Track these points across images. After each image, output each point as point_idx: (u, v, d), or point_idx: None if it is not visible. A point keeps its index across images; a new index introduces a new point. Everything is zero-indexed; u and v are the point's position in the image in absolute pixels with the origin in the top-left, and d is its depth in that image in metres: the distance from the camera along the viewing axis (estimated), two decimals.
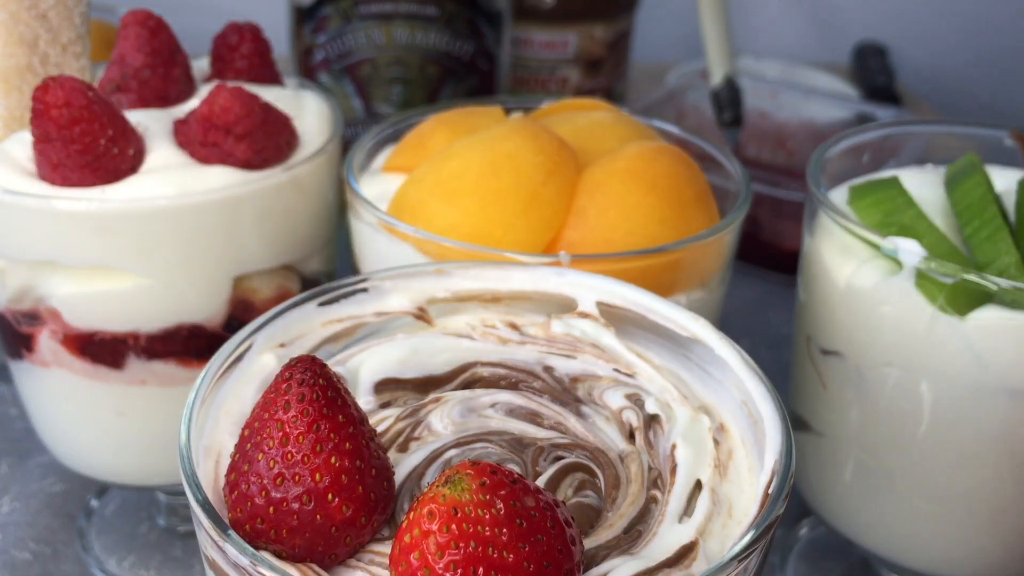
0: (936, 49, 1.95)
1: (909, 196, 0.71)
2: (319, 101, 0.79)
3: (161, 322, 0.70)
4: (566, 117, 0.81)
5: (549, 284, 0.61)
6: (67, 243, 0.66)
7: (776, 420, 0.50)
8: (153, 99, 0.74)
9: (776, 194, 1.21)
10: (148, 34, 0.73)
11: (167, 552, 0.86)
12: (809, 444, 0.77)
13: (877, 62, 1.81)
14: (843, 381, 0.71)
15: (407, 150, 0.79)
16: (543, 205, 0.69)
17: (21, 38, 0.71)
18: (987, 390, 0.64)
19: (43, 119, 0.64)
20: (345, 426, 0.43)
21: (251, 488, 0.43)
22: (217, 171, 0.68)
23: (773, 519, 0.44)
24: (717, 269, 0.73)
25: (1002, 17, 1.92)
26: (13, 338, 0.73)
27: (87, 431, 0.76)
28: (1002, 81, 1.96)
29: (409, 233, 0.67)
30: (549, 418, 0.55)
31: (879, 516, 0.73)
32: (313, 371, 0.44)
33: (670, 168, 0.72)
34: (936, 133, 0.89)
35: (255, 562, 0.42)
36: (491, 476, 0.39)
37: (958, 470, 0.68)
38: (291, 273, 0.75)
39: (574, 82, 1.38)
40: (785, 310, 1.20)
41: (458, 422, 0.54)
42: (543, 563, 0.39)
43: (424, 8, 1.08)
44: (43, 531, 0.86)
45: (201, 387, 0.51)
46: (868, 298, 0.67)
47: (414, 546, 0.38)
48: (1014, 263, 0.65)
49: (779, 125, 1.45)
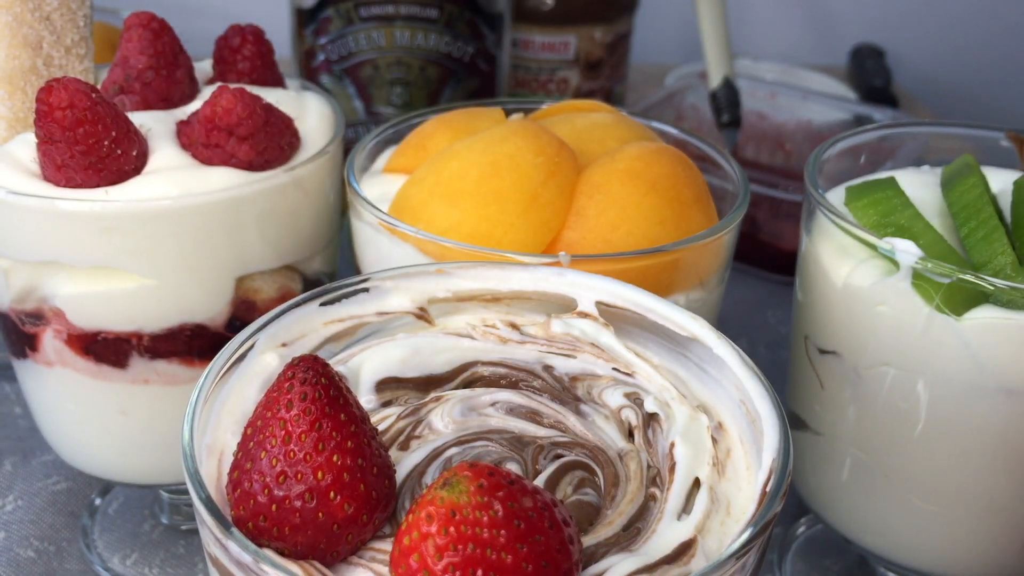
0: (933, 51, 1.95)
1: (906, 197, 0.71)
2: (321, 102, 0.80)
3: (164, 322, 0.70)
4: (566, 118, 0.81)
5: (549, 284, 0.62)
6: (71, 243, 0.66)
7: (774, 419, 0.50)
8: (156, 101, 0.74)
9: (774, 195, 1.22)
10: (151, 36, 0.74)
11: (170, 550, 0.86)
12: (807, 443, 0.77)
13: (874, 64, 1.81)
14: (840, 380, 0.72)
15: (408, 151, 0.80)
16: (543, 206, 0.69)
17: (25, 40, 0.71)
18: (983, 390, 0.64)
19: (47, 120, 0.64)
20: (347, 425, 0.44)
21: (254, 486, 0.43)
22: (220, 172, 0.68)
23: (771, 517, 0.44)
24: (715, 269, 0.73)
25: (998, 19, 1.92)
26: (17, 337, 0.73)
27: (91, 430, 0.76)
28: (998, 83, 1.96)
29: (410, 233, 0.68)
30: (549, 416, 0.55)
31: (876, 514, 0.73)
32: (315, 370, 0.44)
33: (669, 169, 0.72)
34: (933, 134, 0.90)
35: (257, 559, 0.42)
36: (488, 478, 0.39)
37: (954, 469, 0.68)
38: (293, 273, 0.76)
39: (574, 83, 1.38)
40: (783, 310, 1.20)
41: (459, 420, 0.54)
42: (541, 563, 0.39)
43: (425, 10, 1.08)
44: (47, 529, 0.87)
45: (204, 386, 0.51)
46: (865, 298, 0.67)
47: (413, 548, 0.38)
48: (1010, 263, 0.65)
49: (777, 126, 1.46)
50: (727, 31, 1.31)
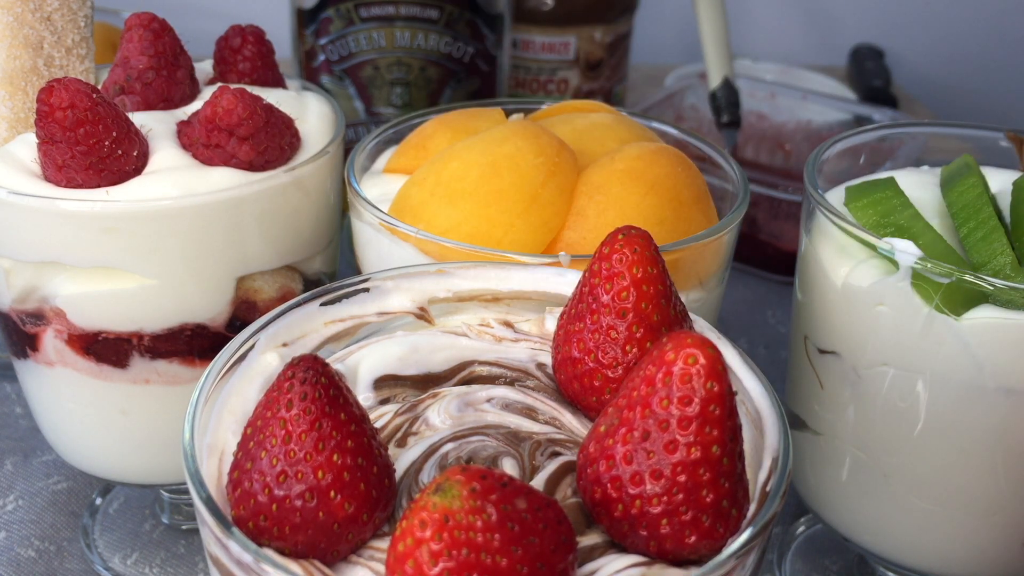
0: (932, 52, 1.95)
1: (905, 197, 0.71)
2: (321, 103, 0.80)
3: (165, 322, 0.70)
4: (566, 119, 0.81)
5: (549, 284, 0.62)
6: (72, 244, 0.66)
7: (774, 419, 0.50)
8: (157, 101, 0.74)
9: (774, 195, 1.22)
10: (152, 37, 0.74)
11: (171, 549, 0.86)
12: (806, 443, 0.77)
13: (874, 65, 1.82)
14: (840, 380, 0.72)
15: (408, 151, 0.80)
16: (543, 206, 0.70)
17: (26, 40, 0.71)
18: (983, 390, 0.64)
19: (48, 121, 0.65)
20: (347, 424, 0.44)
21: (254, 485, 0.44)
22: (220, 172, 0.68)
23: (770, 516, 0.45)
24: (715, 269, 0.73)
25: (998, 20, 1.92)
26: (18, 337, 0.73)
27: (91, 430, 0.76)
28: (997, 83, 1.96)
29: (410, 233, 0.68)
30: (544, 413, 0.55)
31: (875, 514, 0.73)
32: (315, 370, 0.44)
33: (669, 169, 0.73)
34: (932, 134, 0.90)
35: (258, 559, 0.42)
36: (481, 481, 0.39)
37: (954, 469, 0.68)
38: (294, 273, 0.76)
39: (574, 84, 1.38)
40: (783, 310, 1.21)
41: (455, 416, 0.54)
42: (536, 564, 0.39)
43: (425, 11, 1.08)
44: (47, 529, 0.87)
45: (204, 386, 0.51)
46: (865, 298, 0.67)
47: (408, 555, 0.38)
48: (1009, 263, 0.65)
49: (777, 127, 1.46)
50: (727, 31, 1.31)
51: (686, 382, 0.42)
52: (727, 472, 0.43)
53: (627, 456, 0.43)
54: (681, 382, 0.42)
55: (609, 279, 0.52)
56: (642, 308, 0.51)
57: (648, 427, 0.43)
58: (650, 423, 0.43)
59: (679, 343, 0.43)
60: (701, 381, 0.42)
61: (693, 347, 0.42)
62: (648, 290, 0.52)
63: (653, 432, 0.43)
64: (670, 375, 0.42)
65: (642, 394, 0.43)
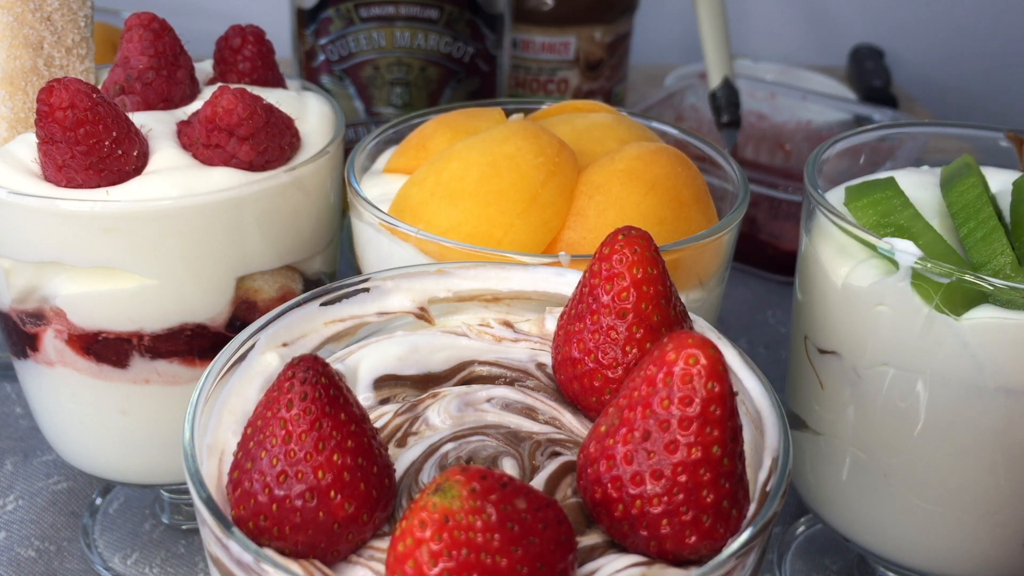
0: (932, 52, 1.95)
1: (905, 197, 0.71)
2: (321, 103, 0.80)
3: (165, 322, 0.70)
4: (566, 119, 0.81)
5: (549, 284, 0.62)
6: (72, 244, 0.66)
7: (774, 419, 0.50)
8: (157, 101, 0.74)
9: (774, 195, 1.22)
10: (152, 37, 0.74)
11: (171, 549, 0.86)
12: (806, 443, 0.77)
13: (873, 65, 1.82)
14: (840, 380, 0.72)
15: (408, 151, 0.80)
16: (543, 206, 0.70)
17: (26, 40, 0.71)
18: (983, 390, 0.64)
19: (48, 121, 0.65)
20: (347, 424, 0.44)
21: (254, 485, 0.44)
22: (220, 172, 0.68)
23: (770, 516, 0.45)
24: (715, 269, 0.73)
25: (997, 20, 1.92)
26: (18, 337, 0.73)
27: (91, 430, 0.76)
28: (997, 83, 1.96)
29: (410, 233, 0.68)
30: (544, 413, 0.55)
31: (875, 514, 0.73)
32: (315, 370, 0.44)
33: (669, 169, 0.73)
34: (932, 134, 0.90)
35: (258, 559, 0.42)
36: (481, 481, 0.39)
37: (954, 469, 0.68)
38: (294, 273, 0.76)
39: (574, 84, 1.38)
40: (783, 310, 1.21)
41: (455, 416, 0.54)
42: (536, 564, 0.39)
43: (425, 11, 1.08)
44: (47, 529, 0.87)
45: (204, 386, 0.51)
46: (865, 298, 0.67)
47: (408, 555, 0.38)
48: (1009, 263, 0.65)
49: (777, 127, 1.46)
50: (727, 31, 1.31)
51: (687, 382, 0.42)
52: (728, 472, 0.43)
53: (628, 456, 0.43)
54: (682, 382, 0.42)
55: (609, 279, 0.52)
56: (642, 308, 0.51)
57: (649, 427, 0.43)
58: (651, 423, 0.43)
59: (680, 343, 0.43)
60: (702, 381, 0.42)
61: (694, 347, 0.42)
62: (648, 290, 0.52)
63: (654, 432, 0.43)
64: (671, 375, 0.42)
65: (643, 394, 0.43)
